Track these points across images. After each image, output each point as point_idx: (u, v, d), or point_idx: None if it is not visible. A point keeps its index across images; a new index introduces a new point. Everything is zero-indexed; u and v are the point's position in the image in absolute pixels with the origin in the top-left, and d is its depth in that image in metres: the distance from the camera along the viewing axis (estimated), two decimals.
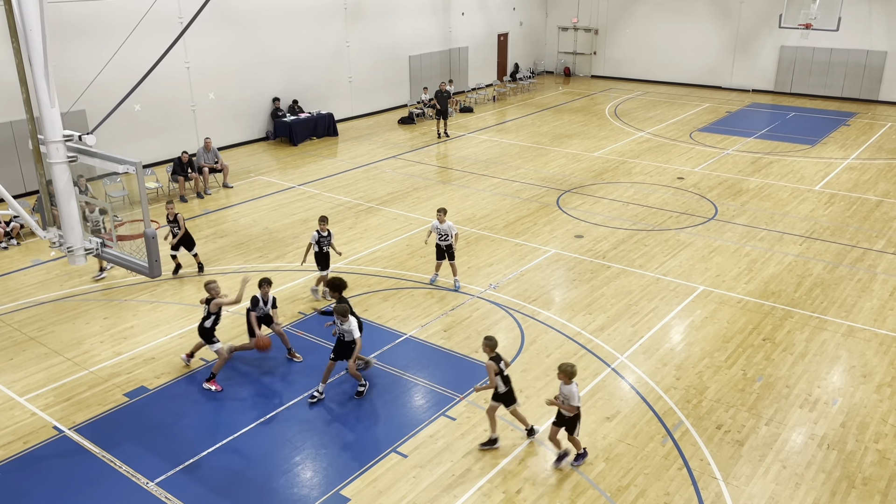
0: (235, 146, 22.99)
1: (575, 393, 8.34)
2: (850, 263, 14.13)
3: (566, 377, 8.31)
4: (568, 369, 8.32)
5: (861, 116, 26.54)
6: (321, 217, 12.67)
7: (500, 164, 21.04)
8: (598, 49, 34.88)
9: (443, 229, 12.77)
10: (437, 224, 12.79)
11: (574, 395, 8.33)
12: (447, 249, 12.96)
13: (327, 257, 12.68)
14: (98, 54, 17.30)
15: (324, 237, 12.51)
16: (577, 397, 8.36)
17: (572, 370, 8.33)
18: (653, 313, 12.27)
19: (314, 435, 9.33)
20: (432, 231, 12.93)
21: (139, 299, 12.97)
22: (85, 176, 15.89)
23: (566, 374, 8.31)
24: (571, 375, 8.32)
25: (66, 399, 10.10)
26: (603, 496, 8.22)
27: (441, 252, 13.04)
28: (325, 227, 12.54)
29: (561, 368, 8.35)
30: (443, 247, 12.95)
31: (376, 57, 26.99)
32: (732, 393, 10.08)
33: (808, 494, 8.22)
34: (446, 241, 12.84)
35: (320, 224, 12.55)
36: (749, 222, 16.29)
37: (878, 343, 11.33)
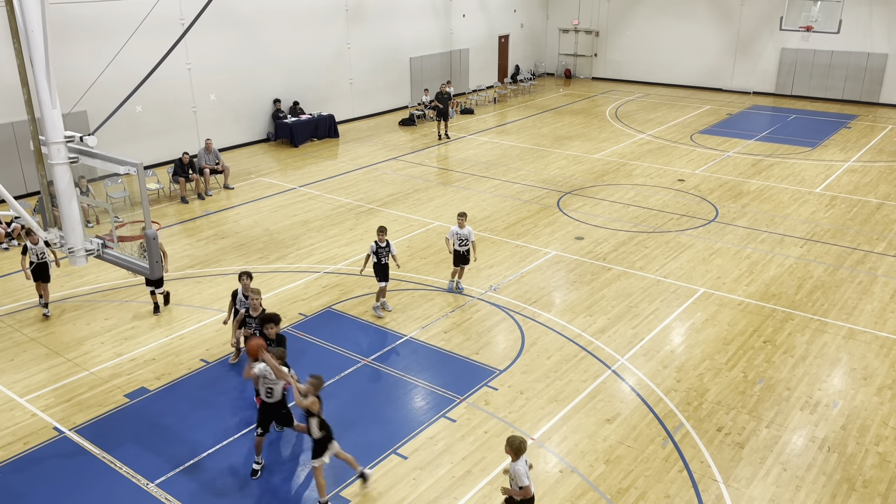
0: (236, 147, 23.01)
1: (522, 472, 6.95)
2: (850, 266, 14.13)
3: (513, 453, 6.97)
4: (514, 443, 6.94)
5: (862, 119, 26.54)
6: (380, 227, 12.14)
7: (501, 165, 21.04)
8: (599, 51, 34.90)
9: (462, 234, 12.58)
10: (456, 229, 12.57)
11: (521, 475, 6.95)
12: (466, 255, 12.78)
13: (386, 269, 12.15)
14: (99, 55, 17.34)
15: (382, 248, 12.04)
16: (526, 476, 6.96)
17: (520, 445, 6.94)
18: (653, 315, 12.27)
19: None
20: (451, 237, 12.68)
21: (140, 300, 12.98)
22: (86, 177, 15.92)
23: (513, 448, 6.96)
24: (519, 451, 6.95)
25: (67, 400, 10.10)
26: (603, 498, 8.21)
27: (459, 257, 12.83)
28: (384, 237, 12.01)
29: (507, 442, 7.00)
30: (461, 252, 12.73)
31: (377, 58, 27.01)
32: (733, 395, 10.08)
33: (809, 497, 8.21)
34: (465, 245, 12.66)
35: (378, 234, 12.08)
36: (750, 224, 16.29)
37: (878, 345, 11.33)
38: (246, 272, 10.47)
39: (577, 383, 10.36)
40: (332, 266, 14.26)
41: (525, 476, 6.95)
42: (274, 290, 13.25)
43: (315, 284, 13.48)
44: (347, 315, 12.36)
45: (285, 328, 11.88)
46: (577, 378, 10.48)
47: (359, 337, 11.65)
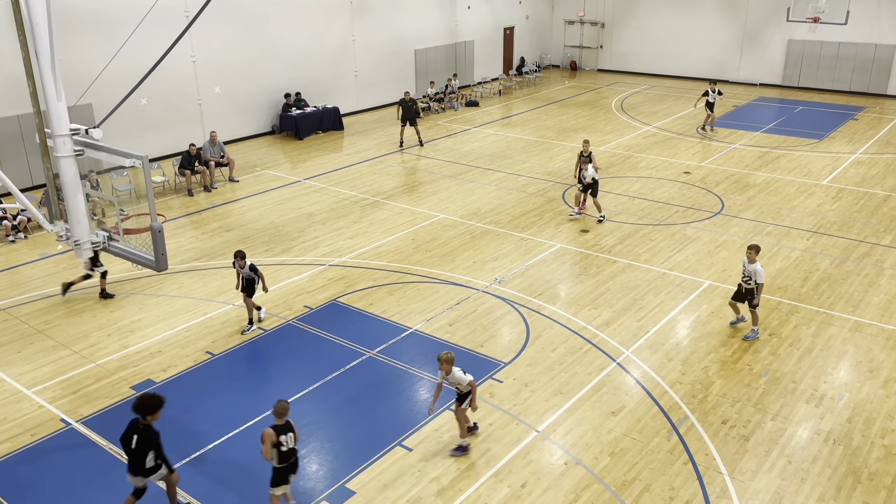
0: (241, 140, 23.02)
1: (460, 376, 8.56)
2: (857, 258, 14.07)
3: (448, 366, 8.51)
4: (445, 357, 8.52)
5: (869, 111, 26.38)
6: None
7: (506, 158, 21.00)
8: (605, 43, 34.75)
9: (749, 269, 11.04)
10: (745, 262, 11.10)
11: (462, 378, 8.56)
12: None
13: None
14: (104, 48, 17.34)
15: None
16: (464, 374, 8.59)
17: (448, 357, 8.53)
18: (658, 308, 12.25)
19: (320, 428, 9.36)
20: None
21: (145, 293, 13.02)
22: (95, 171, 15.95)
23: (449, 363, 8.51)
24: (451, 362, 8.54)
25: (74, 392, 10.15)
26: (608, 490, 8.22)
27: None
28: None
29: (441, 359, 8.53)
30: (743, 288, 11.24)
31: (382, 51, 26.95)
32: (738, 388, 10.07)
33: (814, 489, 8.20)
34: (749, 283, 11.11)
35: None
36: (756, 217, 16.23)
37: (885, 338, 11.29)
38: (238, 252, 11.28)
39: (581, 376, 10.36)
40: (338, 259, 14.28)
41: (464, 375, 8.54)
42: (279, 283, 13.28)
43: (320, 277, 13.50)
44: (353, 307, 12.38)
45: (290, 320, 11.91)
46: (581, 371, 10.49)
47: (364, 329, 11.67)
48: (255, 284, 11.46)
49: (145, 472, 7.45)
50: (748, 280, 11.05)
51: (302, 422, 9.47)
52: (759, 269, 10.91)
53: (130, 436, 7.34)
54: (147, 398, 7.35)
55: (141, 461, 7.35)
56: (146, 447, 7.32)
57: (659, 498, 8.09)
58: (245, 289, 11.44)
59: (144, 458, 7.35)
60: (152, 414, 7.33)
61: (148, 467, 7.41)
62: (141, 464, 7.37)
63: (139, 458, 7.34)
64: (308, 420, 9.51)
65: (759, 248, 11.07)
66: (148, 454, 7.36)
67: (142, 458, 7.34)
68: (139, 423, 7.36)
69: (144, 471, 7.43)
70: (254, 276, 11.36)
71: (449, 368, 8.53)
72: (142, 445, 7.31)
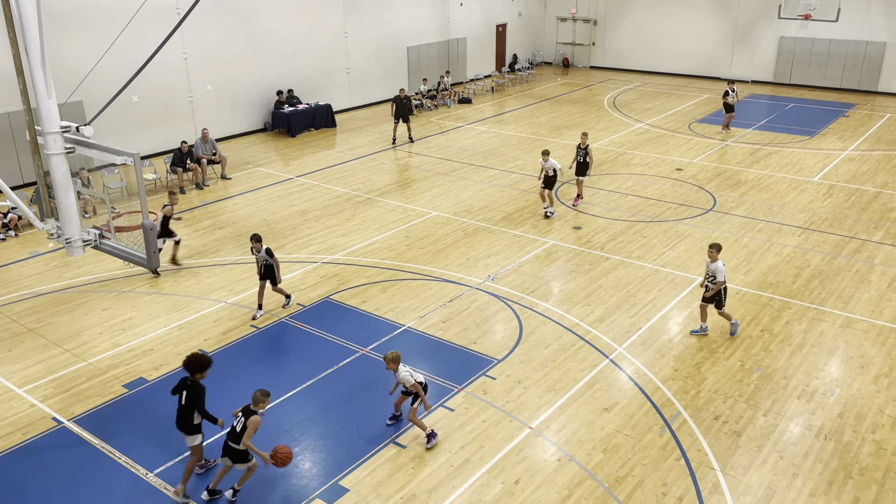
0: (233, 137, 22.94)
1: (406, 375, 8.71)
2: (848, 254, 14.15)
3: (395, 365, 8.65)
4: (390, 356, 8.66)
5: (860, 107, 26.50)
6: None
7: (499, 155, 21.00)
8: (597, 40, 34.78)
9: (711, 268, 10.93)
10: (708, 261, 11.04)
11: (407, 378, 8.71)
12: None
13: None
14: (95, 45, 17.22)
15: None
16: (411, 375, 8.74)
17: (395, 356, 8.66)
18: (651, 304, 12.29)
19: (313, 426, 9.35)
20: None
21: (138, 291, 12.97)
22: (86, 168, 15.86)
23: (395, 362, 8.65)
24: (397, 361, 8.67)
25: (65, 390, 10.11)
26: (601, 486, 8.25)
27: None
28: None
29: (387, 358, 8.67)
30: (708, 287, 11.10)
31: (374, 48, 26.89)
32: (730, 384, 10.11)
33: (806, 485, 8.25)
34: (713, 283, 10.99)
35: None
36: (747, 213, 16.30)
37: (875, 334, 11.36)
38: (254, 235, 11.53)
39: (574, 372, 10.39)
40: (330, 256, 14.26)
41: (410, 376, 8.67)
42: None
43: (313, 274, 13.48)
44: (345, 305, 12.37)
45: (283, 318, 11.90)
46: (574, 367, 10.51)
47: (357, 327, 11.66)
48: (273, 270, 11.69)
49: (192, 429, 7.93)
50: (712, 279, 10.85)
51: (295, 419, 9.47)
52: (721, 268, 10.72)
53: (181, 391, 7.92)
54: (198, 357, 7.90)
55: (189, 417, 7.87)
56: (194, 402, 7.83)
57: (651, 494, 8.13)
58: (264, 275, 11.71)
59: (192, 414, 7.86)
60: (200, 372, 7.89)
61: (195, 423, 7.92)
62: (189, 419, 7.88)
63: (187, 413, 7.87)
64: (302, 417, 9.50)
65: (720, 247, 10.86)
66: (195, 410, 7.87)
67: (190, 414, 7.86)
68: (188, 380, 7.89)
69: (192, 427, 7.91)
70: (270, 260, 11.61)
71: (394, 367, 8.66)
72: (190, 401, 7.84)
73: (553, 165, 15.72)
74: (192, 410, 7.87)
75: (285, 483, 8.38)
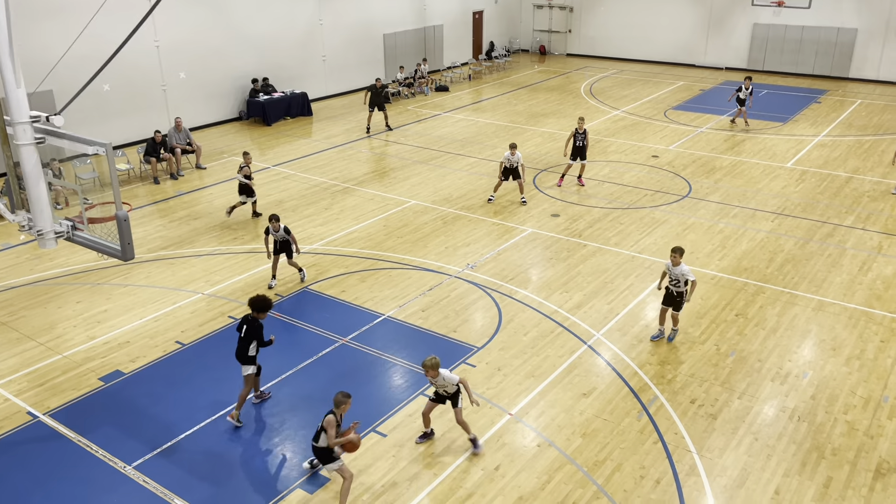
0: (207, 126, 22.67)
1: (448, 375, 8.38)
2: (820, 239, 14.37)
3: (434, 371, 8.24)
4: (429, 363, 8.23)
5: (832, 93, 26.85)
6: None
7: (477, 143, 20.99)
8: (574, 27, 34.81)
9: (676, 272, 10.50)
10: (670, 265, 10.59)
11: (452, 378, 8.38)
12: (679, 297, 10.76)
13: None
14: (65, 33, 16.87)
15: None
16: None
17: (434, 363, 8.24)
18: (628, 291, 12.40)
19: (293, 416, 9.34)
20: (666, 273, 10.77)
21: (112, 283, 12.81)
22: (57, 159, 15.59)
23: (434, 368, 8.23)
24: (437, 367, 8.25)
25: (40, 384, 9.98)
26: (580, 471, 8.34)
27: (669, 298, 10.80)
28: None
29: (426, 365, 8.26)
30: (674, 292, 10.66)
31: (350, 35, 26.68)
32: (706, 368, 10.26)
33: (780, 465, 8.42)
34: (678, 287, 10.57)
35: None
36: (722, 200, 16.48)
37: (847, 317, 11.57)
38: (273, 215, 12.14)
39: (553, 359, 10.47)
40: (309, 246, 14.18)
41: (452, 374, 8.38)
42: (250, 271, 13.16)
43: (291, 266, 13.39)
44: (324, 295, 12.33)
45: None
46: (553, 354, 10.59)
47: (336, 317, 11.63)
48: (290, 246, 12.36)
49: (247, 360, 8.91)
50: (676, 283, 10.43)
51: (275, 410, 9.45)
52: (686, 269, 10.33)
53: (242, 325, 8.91)
54: (262, 298, 8.91)
55: (246, 348, 8.87)
56: (252, 336, 8.80)
57: (630, 477, 8.24)
58: (279, 250, 12.37)
59: (249, 346, 8.85)
60: (261, 312, 8.87)
61: (250, 355, 8.89)
62: (245, 351, 8.88)
63: (245, 345, 8.87)
64: (282, 408, 9.48)
65: (683, 251, 10.39)
66: (252, 343, 8.84)
67: (247, 346, 8.86)
68: (249, 316, 8.87)
69: (247, 358, 8.90)
70: (287, 237, 12.25)
71: (435, 374, 8.23)
72: (248, 334, 8.83)
73: (518, 160, 15.77)
74: (249, 343, 8.82)
75: (266, 473, 8.37)
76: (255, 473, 8.38)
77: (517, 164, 15.81)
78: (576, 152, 16.87)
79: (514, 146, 15.78)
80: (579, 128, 16.75)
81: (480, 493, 8.02)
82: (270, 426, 9.15)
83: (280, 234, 12.20)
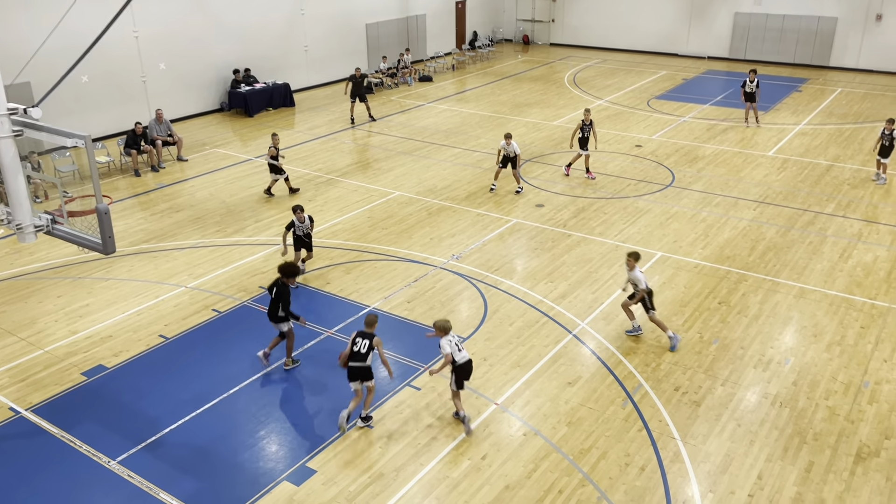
0: (189, 118, 22.45)
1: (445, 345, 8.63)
2: (801, 227, 14.51)
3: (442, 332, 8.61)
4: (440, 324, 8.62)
5: (812, 82, 27.06)
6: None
7: (461, 134, 20.95)
8: (557, 16, 34.77)
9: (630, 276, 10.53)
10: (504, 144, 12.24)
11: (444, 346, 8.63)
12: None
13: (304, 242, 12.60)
14: (42, 23, 16.63)
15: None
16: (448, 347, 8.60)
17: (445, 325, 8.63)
18: (612, 280, 12.46)
19: (278, 409, 9.31)
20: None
21: (94, 276, 12.69)
22: (36, 152, 15.39)
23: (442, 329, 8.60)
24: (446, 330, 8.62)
25: (22, 380, 9.87)
26: (566, 459, 8.40)
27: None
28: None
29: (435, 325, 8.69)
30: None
31: (332, 25, 26.48)
32: (689, 355, 10.34)
33: (762, 451, 8.52)
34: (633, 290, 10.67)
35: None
36: (705, 188, 16.58)
37: (828, 304, 11.71)
38: (298, 206, 12.28)
39: (539, 348, 10.51)
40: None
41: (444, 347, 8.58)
42: (233, 264, 13.08)
43: (275, 257, 13.33)
44: (309, 287, 12.28)
45: (245, 301, 11.77)
46: (539, 343, 10.63)
47: (321, 309, 11.59)
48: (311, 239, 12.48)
49: (278, 319, 9.79)
50: (635, 286, 10.39)
51: (261, 402, 9.42)
52: (639, 276, 10.25)
53: (272, 289, 9.73)
54: (290, 264, 9.89)
55: (276, 309, 9.72)
56: (280, 298, 9.64)
57: (615, 464, 8.30)
58: (300, 246, 12.41)
59: (278, 307, 9.68)
60: (290, 277, 9.76)
61: (281, 315, 9.74)
62: (276, 311, 9.73)
63: (275, 306, 9.71)
64: (267, 401, 9.45)
65: (639, 256, 10.37)
66: (279, 305, 9.66)
67: (277, 307, 9.69)
68: (279, 280, 9.70)
69: (278, 317, 9.77)
70: (311, 229, 12.39)
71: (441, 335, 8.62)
72: (278, 296, 9.67)
73: (514, 149, 15.79)
74: (278, 304, 9.66)
75: (252, 467, 8.35)
76: (241, 467, 8.35)
77: (514, 153, 15.84)
78: (581, 143, 16.93)
79: (510, 136, 15.80)
80: (585, 119, 16.81)
81: (468, 482, 8.05)
82: (256, 419, 9.12)
83: (305, 224, 12.23)
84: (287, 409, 9.31)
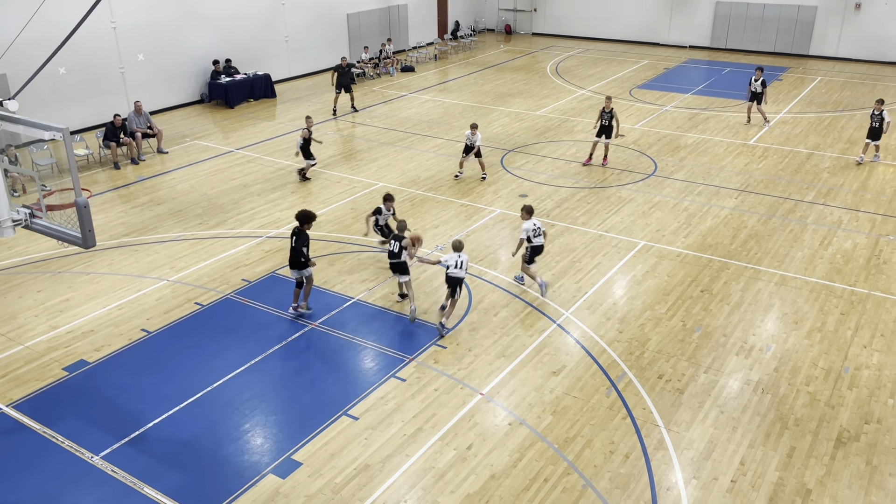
0: (168, 110, 22.21)
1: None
2: (782, 215, 14.64)
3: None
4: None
5: (793, 71, 27.25)
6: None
7: (444, 124, 20.90)
8: (539, 6, 34.73)
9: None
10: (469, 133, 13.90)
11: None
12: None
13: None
14: (18, 14, 16.34)
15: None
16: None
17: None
18: (596, 269, 12.52)
19: (263, 401, 9.28)
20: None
21: (74, 271, 12.54)
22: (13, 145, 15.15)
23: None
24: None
25: (2, 375, 9.76)
26: (551, 448, 8.44)
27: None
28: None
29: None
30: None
31: (313, 15, 26.27)
32: (673, 344, 10.42)
33: (745, 437, 8.61)
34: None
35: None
36: (687, 177, 16.67)
37: (808, 291, 11.84)
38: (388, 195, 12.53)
39: (523, 338, 10.54)
40: (275, 230, 14.03)
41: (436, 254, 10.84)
42: (215, 256, 12.99)
43: (258, 249, 13.26)
44: (292, 279, 12.21)
45: (228, 294, 11.70)
46: (523, 333, 10.66)
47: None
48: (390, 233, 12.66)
49: (300, 266, 10.51)
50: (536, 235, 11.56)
51: (245, 395, 9.38)
52: (526, 227, 11.39)
53: (293, 236, 10.49)
54: (307, 212, 10.59)
55: (298, 256, 10.44)
56: (301, 244, 10.39)
57: (600, 452, 8.36)
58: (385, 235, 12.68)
59: (300, 254, 10.40)
60: (307, 224, 10.54)
61: (302, 260, 10.44)
62: (297, 258, 10.47)
63: (297, 253, 10.43)
64: (252, 394, 9.41)
65: (531, 209, 11.51)
66: (302, 251, 10.40)
67: (298, 254, 10.42)
68: (297, 228, 10.48)
69: (300, 263, 10.48)
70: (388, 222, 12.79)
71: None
72: (298, 242, 10.41)
73: (477, 140, 16.12)
74: (300, 250, 10.37)
75: (237, 460, 8.32)
76: (226, 460, 8.32)
77: (476, 143, 16.03)
78: (602, 131, 17.03)
79: (475, 126, 16.04)
80: (606, 107, 16.89)
81: (453, 472, 8.08)
82: (240, 412, 9.08)
83: (390, 213, 12.46)
84: (272, 402, 9.28)
